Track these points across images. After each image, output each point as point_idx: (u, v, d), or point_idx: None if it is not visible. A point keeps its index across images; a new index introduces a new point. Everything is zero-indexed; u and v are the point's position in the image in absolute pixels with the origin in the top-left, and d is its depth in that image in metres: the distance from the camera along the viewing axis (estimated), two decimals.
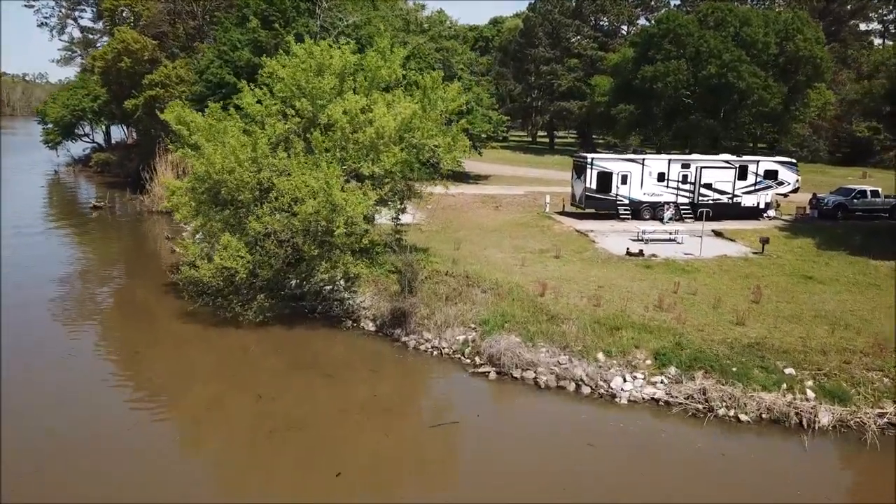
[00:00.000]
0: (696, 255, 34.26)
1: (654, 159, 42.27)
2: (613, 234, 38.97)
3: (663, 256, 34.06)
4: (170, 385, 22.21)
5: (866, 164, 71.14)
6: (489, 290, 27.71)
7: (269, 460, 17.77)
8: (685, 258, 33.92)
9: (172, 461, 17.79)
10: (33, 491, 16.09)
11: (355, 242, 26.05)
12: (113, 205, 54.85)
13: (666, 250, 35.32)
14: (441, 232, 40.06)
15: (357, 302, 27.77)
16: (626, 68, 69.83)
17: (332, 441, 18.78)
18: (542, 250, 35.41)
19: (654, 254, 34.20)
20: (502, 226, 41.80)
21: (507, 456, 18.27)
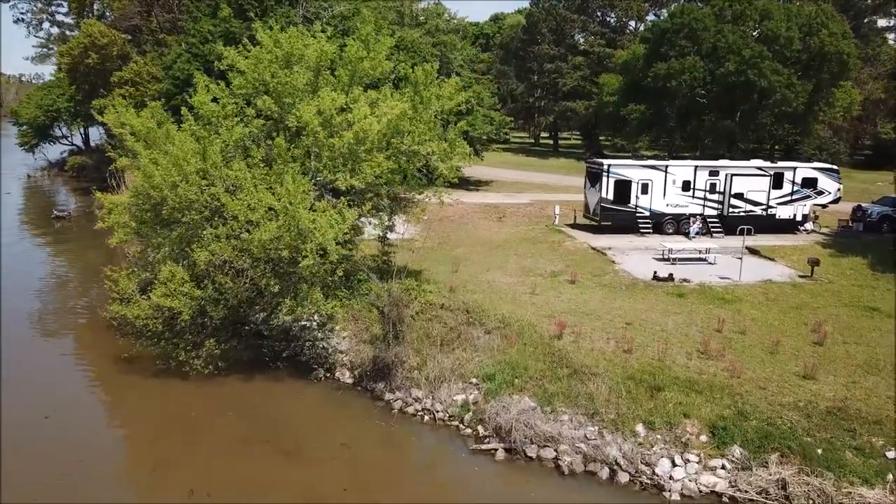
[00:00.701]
0: (734, 280, 28.83)
1: (679, 166, 36.84)
2: (634, 252, 33.52)
3: (696, 281, 28.63)
4: (73, 471, 16.72)
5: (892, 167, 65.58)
6: (494, 331, 22.29)
7: None
8: (722, 283, 28.49)
9: None
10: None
11: (327, 275, 20.60)
12: (79, 214, 49.42)
13: (697, 273, 29.89)
14: (437, 249, 34.63)
15: (332, 344, 22.36)
16: (637, 66, 64.32)
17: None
18: (554, 273, 29.98)
19: (685, 278, 28.75)
20: (507, 241, 36.36)
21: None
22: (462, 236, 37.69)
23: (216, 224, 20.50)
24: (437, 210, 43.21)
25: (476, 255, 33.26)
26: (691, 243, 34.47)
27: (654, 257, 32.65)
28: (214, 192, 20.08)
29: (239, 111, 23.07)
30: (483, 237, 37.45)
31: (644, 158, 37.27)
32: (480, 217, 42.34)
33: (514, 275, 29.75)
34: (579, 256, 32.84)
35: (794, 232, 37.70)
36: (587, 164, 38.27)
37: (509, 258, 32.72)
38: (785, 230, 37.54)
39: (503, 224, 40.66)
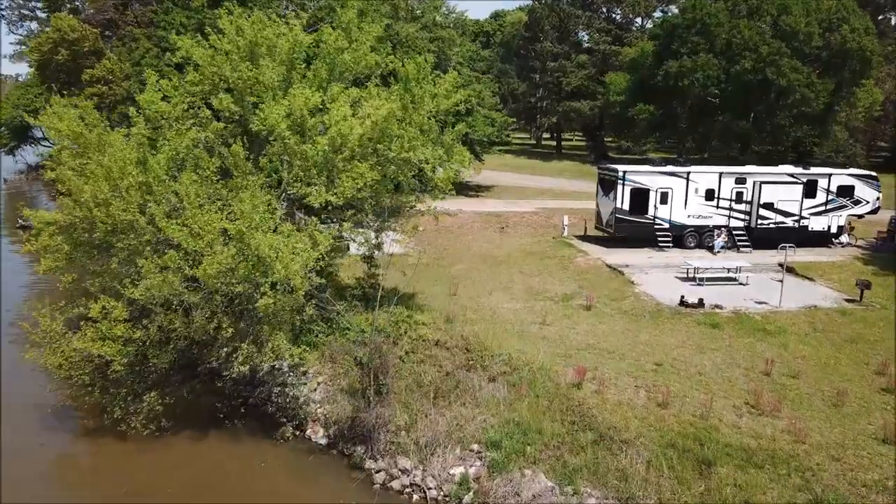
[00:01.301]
0: (773, 306, 24.84)
1: (702, 172, 32.79)
2: (654, 270, 29.50)
3: (730, 307, 24.62)
4: None
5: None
6: (499, 377, 18.27)
7: None
8: (760, 310, 24.48)
9: None
10: None
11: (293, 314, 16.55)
12: None
13: (729, 296, 25.89)
14: (433, 266, 30.60)
15: (304, 392, 18.35)
16: (646, 64, 60.34)
17: None
18: (566, 296, 25.97)
19: (717, 304, 24.73)
20: (511, 256, 32.32)
21: None
22: (461, 250, 33.67)
23: (162, 251, 16.46)
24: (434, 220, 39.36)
25: (477, 274, 29.25)
26: (718, 260, 30.47)
27: (677, 276, 28.66)
28: (155, 211, 16.05)
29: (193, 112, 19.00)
30: (484, 251, 33.42)
31: (662, 163, 33.20)
32: (481, 227, 38.32)
33: (521, 299, 25.74)
34: (593, 275, 28.82)
35: (827, 245, 33.70)
36: (600, 171, 34.26)
37: (514, 277, 28.71)
38: (817, 244, 33.55)
39: (506, 236, 36.63)
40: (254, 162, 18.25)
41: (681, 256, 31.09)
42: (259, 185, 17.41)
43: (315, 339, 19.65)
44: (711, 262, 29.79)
